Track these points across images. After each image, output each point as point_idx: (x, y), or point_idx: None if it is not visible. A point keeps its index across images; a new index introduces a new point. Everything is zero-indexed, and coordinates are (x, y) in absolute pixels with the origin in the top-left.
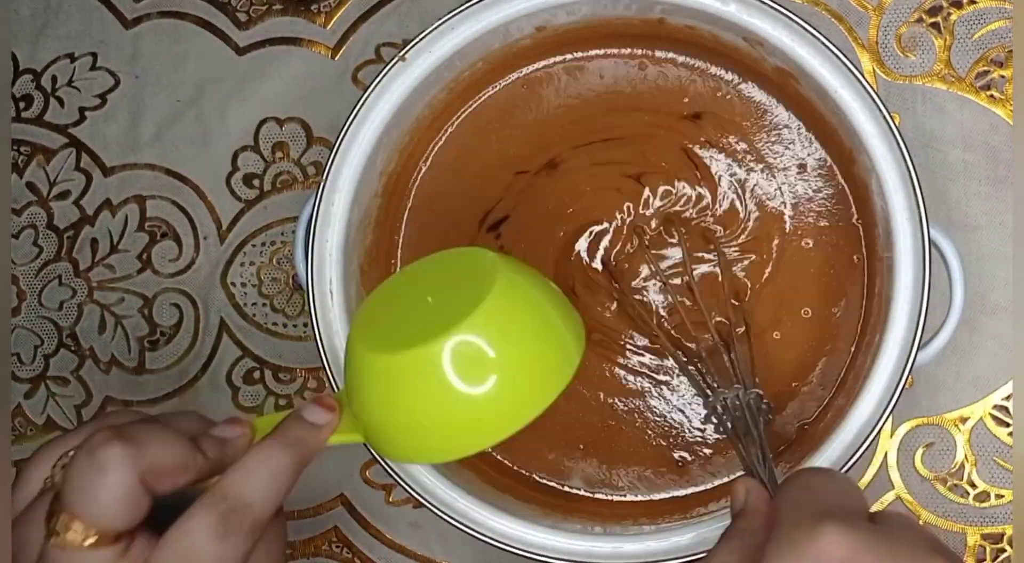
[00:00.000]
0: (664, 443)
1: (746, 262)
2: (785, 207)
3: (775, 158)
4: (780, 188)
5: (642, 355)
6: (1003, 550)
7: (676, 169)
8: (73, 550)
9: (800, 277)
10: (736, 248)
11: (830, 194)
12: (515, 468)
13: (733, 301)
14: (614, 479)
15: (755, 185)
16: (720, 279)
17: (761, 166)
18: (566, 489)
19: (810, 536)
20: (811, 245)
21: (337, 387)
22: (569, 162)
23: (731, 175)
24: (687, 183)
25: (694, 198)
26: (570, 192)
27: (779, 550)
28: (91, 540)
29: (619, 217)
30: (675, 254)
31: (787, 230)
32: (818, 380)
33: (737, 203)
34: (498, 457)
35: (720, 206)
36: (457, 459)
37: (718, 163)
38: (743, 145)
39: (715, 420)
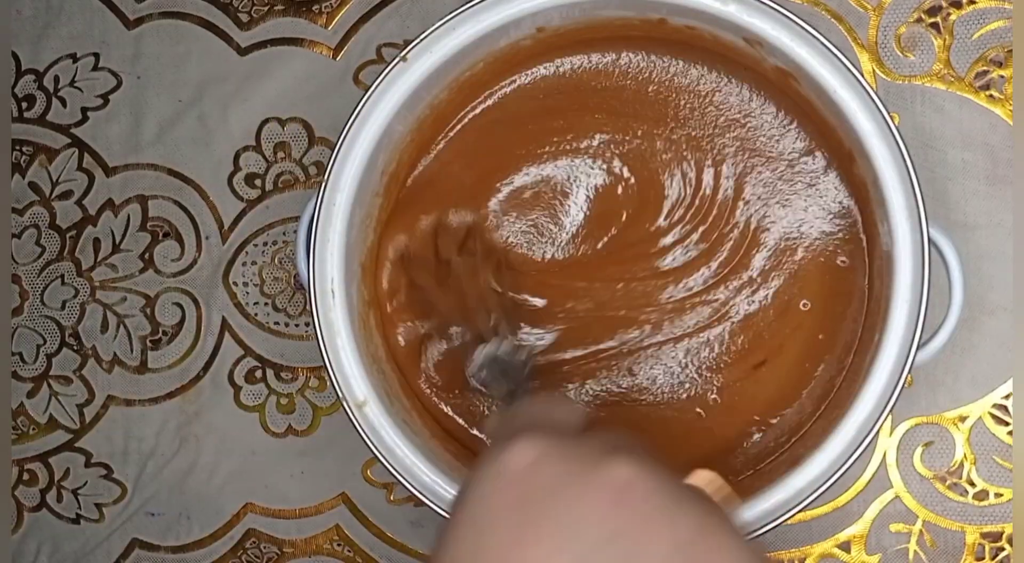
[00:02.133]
0: (663, 442)
1: (743, 259)
2: (783, 206)
3: (774, 157)
4: (778, 187)
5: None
6: (1002, 548)
7: (674, 167)
8: None
9: (799, 276)
10: (731, 246)
11: (829, 194)
12: None
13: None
14: None
15: (754, 184)
16: None
17: (760, 165)
18: None
19: (501, 448)
20: (810, 244)
21: (339, 388)
22: (569, 161)
23: (731, 173)
24: (683, 179)
25: (688, 195)
26: (569, 190)
27: (477, 461)
28: None
29: (622, 212)
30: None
31: (785, 229)
32: (817, 379)
33: (734, 201)
34: None
35: (716, 203)
36: None
37: (717, 161)
38: (742, 144)
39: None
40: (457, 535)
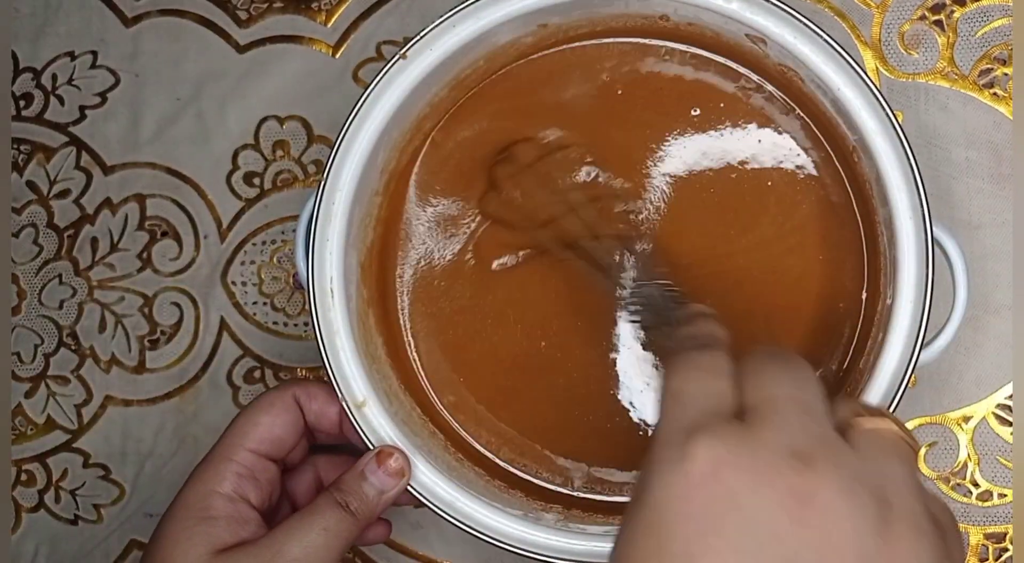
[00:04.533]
0: None
1: (744, 259)
2: (785, 205)
3: (775, 156)
4: (780, 185)
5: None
6: (1005, 549)
7: (673, 166)
8: None
9: (799, 276)
10: (735, 241)
11: (832, 192)
12: (515, 470)
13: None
14: (613, 478)
15: (754, 183)
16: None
17: (760, 164)
18: (566, 491)
19: (680, 451)
20: (812, 244)
21: (338, 388)
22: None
23: (730, 173)
24: (683, 178)
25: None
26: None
27: (655, 456)
28: None
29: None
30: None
31: (787, 227)
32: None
33: (735, 200)
34: (499, 461)
35: (718, 202)
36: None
37: (716, 160)
38: (742, 143)
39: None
40: (639, 540)
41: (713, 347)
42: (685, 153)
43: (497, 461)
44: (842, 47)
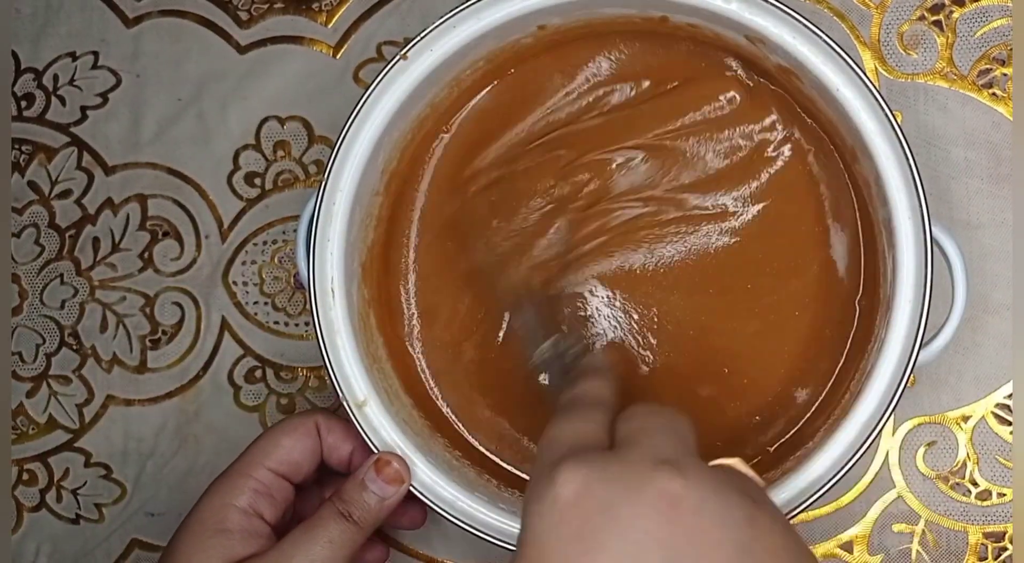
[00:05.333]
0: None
1: (740, 259)
2: (785, 205)
3: (775, 156)
4: (779, 185)
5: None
6: (1005, 548)
7: (674, 166)
8: None
9: (799, 275)
10: (732, 241)
11: (831, 192)
12: (515, 469)
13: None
14: None
15: (754, 182)
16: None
17: (760, 164)
18: None
19: (548, 480)
20: (811, 243)
21: (339, 387)
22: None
23: (730, 171)
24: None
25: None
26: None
27: (528, 494)
28: None
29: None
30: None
31: (786, 227)
32: (816, 379)
33: (735, 200)
34: (499, 461)
35: (719, 203)
36: None
37: (717, 159)
38: (742, 142)
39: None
40: None
41: (591, 405)
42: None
43: (497, 461)
44: (841, 47)
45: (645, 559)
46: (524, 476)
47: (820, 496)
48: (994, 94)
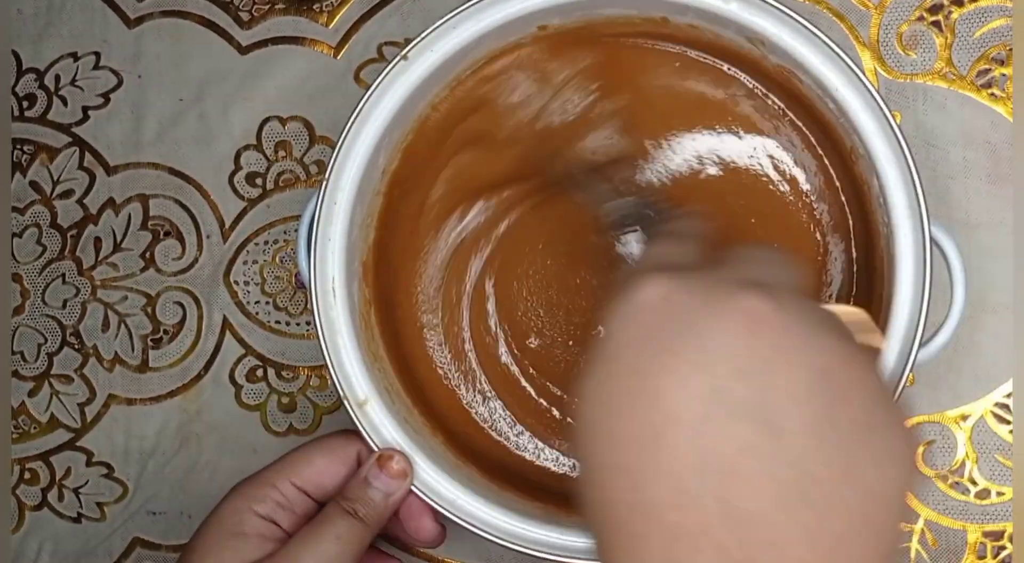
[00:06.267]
0: None
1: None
2: (784, 205)
3: (775, 156)
4: (779, 185)
5: None
6: (1004, 547)
7: (673, 166)
8: None
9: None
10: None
11: (831, 192)
12: (515, 471)
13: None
14: None
15: (754, 182)
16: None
17: (760, 164)
18: (565, 491)
19: (632, 286)
20: (811, 243)
21: (340, 386)
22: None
23: (730, 172)
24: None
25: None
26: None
27: (611, 300)
28: None
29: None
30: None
31: (786, 227)
32: None
33: (734, 200)
34: (499, 461)
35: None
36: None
37: (717, 159)
38: (742, 141)
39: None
40: (594, 369)
41: (686, 236)
42: (687, 148)
43: (496, 464)
44: (840, 48)
45: (716, 367)
46: (524, 476)
47: None
48: (993, 94)
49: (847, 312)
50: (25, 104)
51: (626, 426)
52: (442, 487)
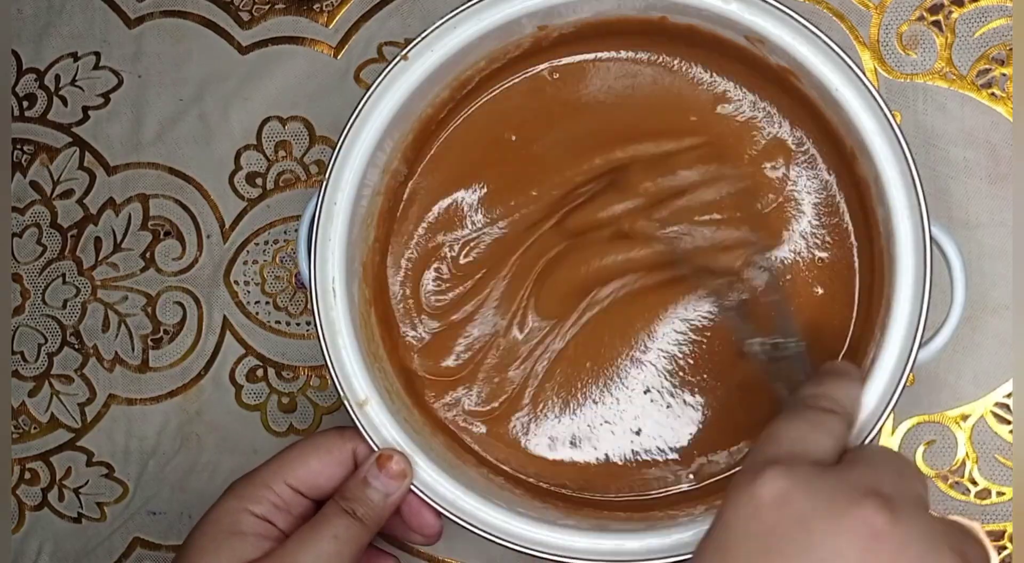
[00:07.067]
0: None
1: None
2: (783, 205)
3: (774, 156)
4: (779, 186)
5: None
6: (1004, 547)
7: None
8: None
9: (798, 275)
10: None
11: (830, 192)
12: (515, 471)
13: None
14: (613, 476)
15: (754, 182)
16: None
17: (760, 164)
18: (565, 492)
19: (753, 477)
20: (811, 243)
21: (340, 386)
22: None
23: (730, 172)
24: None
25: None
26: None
27: (734, 481)
28: None
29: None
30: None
31: (786, 227)
32: None
33: (735, 201)
34: (499, 462)
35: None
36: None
37: (717, 160)
38: (741, 141)
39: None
40: (706, 557)
41: (828, 411)
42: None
43: (496, 465)
44: (840, 48)
45: None
46: (524, 476)
47: None
48: (993, 94)
49: (964, 525)
50: (25, 104)
51: None
52: (442, 487)
